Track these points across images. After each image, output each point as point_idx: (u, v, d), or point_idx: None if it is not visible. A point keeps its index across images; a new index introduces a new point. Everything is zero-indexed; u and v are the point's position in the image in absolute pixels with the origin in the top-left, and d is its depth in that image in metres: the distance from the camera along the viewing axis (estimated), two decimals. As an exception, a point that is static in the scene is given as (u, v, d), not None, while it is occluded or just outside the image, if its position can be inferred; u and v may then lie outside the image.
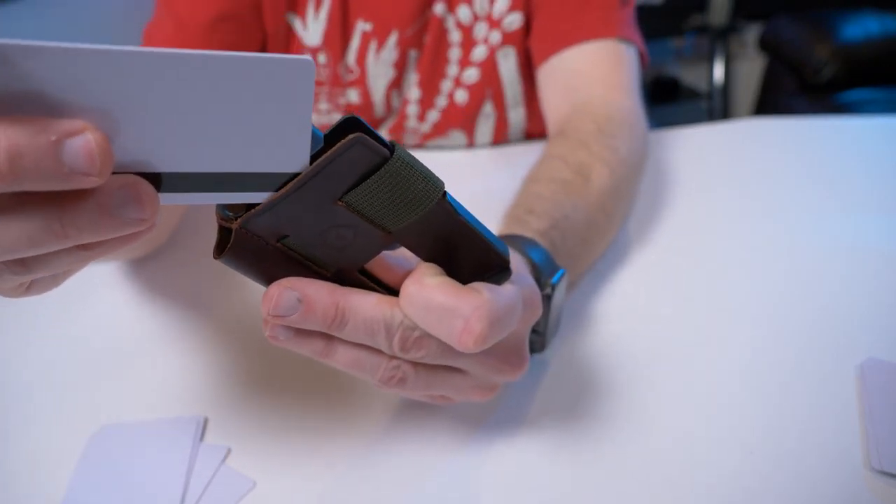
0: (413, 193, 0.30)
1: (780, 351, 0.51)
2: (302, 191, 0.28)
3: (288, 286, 0.31)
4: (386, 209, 0.30)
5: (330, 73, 0.79)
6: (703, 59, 2.56)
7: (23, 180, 0.22)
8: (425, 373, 0.36)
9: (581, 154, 0.59)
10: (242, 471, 0.42)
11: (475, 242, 0.33)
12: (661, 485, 0.41)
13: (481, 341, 0.32)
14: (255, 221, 0.29)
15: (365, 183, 0.29)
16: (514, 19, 0.77)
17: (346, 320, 0.32)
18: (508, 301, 0.33)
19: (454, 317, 0.32)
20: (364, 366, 0.35)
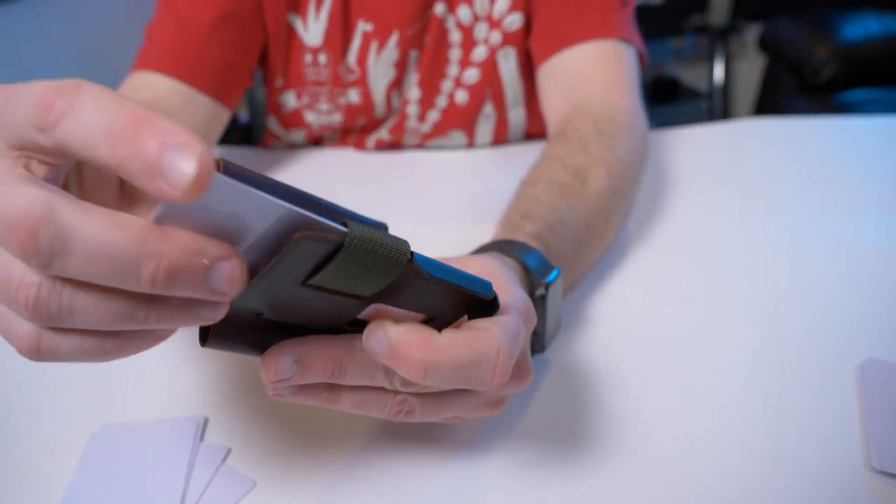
0: (378, 265, 0.29)
1: (780, 351, 0.51)
2: (260, 285, 0.28)
3: (282, 352, 0.31)
4: (353, 282, 0.29)
5: (330, 74, 0.79)
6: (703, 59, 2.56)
7: (166, 289, 0.24)
8: (432, 400, 0.36)
9: (580, 156, 0.59)
10: (242, 471, 0.42)
11: (455, 291, 0.33)
12: (661, 485, 0.41)
13: (506, 377, 0.32)
14: (221, 329, 0.30)
15: (325, 269, 0.28)
16: (515, 20, 0.77)
17: (344, 369, 0.32)
18: (514, 329, 0.34)
19: (483, 365, 0.32)
20: (370, 406, 0.35)
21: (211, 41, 0.69)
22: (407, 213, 0.71)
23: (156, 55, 0.69)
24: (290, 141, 0.87)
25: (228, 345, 0.31)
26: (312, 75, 0.79)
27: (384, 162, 0.83)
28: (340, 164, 0.82)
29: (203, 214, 0.24)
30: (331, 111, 0.82)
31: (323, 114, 0.82)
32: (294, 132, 0.85)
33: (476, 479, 0.41)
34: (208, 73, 0.69)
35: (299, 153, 0.85)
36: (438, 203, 0.72)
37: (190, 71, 0.68)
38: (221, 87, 0.70)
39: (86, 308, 0.25)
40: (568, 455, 0.43)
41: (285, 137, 0.86)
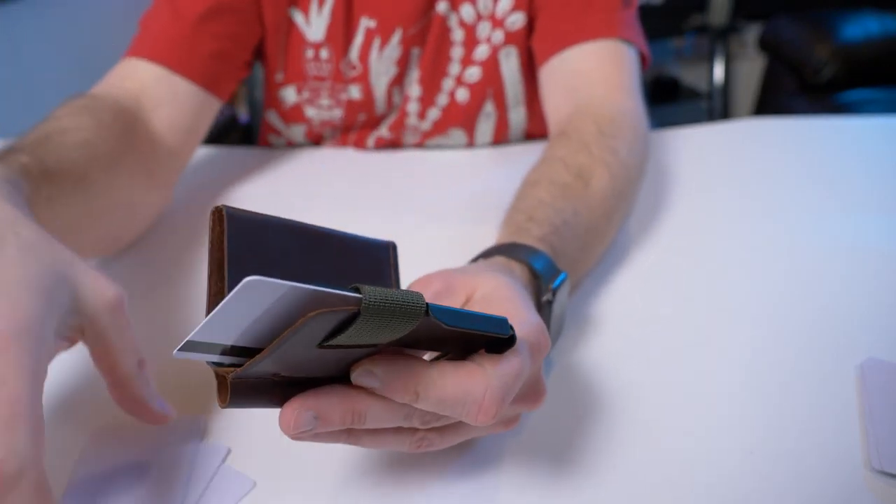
0: (393, 322, 0.29)
1: (780, 351, 0.51)
2: (275, 354, 0.29)
3: (301, 406, 0.32)
4: (369, 338, 0.30)
5: (332, 69, 0.79)
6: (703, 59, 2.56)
7: None
8: (451, 431, 0.37)
9: (582, 157, 0.59)
10: (242, 471, 0.42)
11: (471, 336, 0.34)
12: (662, 485, 0.41)
13: (495, 415, 0.33)
14: (244, 374, 0.30)
15: (342, 334, 0.29)
16: (517, 19, 0.77)
17: (363, 419, 0.33)
18: (513, 371, 0.34)
19: (468, 403, 0.33)
20: (390, 444, 0.36)
21: (201, 31, 0.69)
22: (407, 212, 0.71)
23: (145, 43, 0.69)
24: (290, 136, 0.87)
25: (247, 403, 0.32)
26: (313, 70, 0.79)
27: (384, 161, 0.83)
28: (340, 164, 0.82)
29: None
30: (331, 107, 0.82)
31: (324, 109, 0.82)
32: (294, 127, 0.85)
33: (478, 479, 0.41)
34: (197, 62, 0.69)
35: (299, 152, 0.85)
36: (438, 203, 0.72)
37: (178, 59, 0.67)
38: (211, 78, 0.70)
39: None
40: (568, 454, 0.43)
41: (285, 132, 0.86)
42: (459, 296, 0.40)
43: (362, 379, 0.32)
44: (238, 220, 0.34)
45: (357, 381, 0.32)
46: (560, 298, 0.47)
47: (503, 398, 0.33)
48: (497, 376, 0.33)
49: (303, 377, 0.33)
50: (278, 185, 0.77)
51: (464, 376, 0.33)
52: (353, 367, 0.32)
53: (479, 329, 0.33)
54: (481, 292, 0.39)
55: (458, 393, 0.33)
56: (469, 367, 0.33)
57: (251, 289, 0.26)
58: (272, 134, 0.87)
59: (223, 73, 0.71)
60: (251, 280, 0.25)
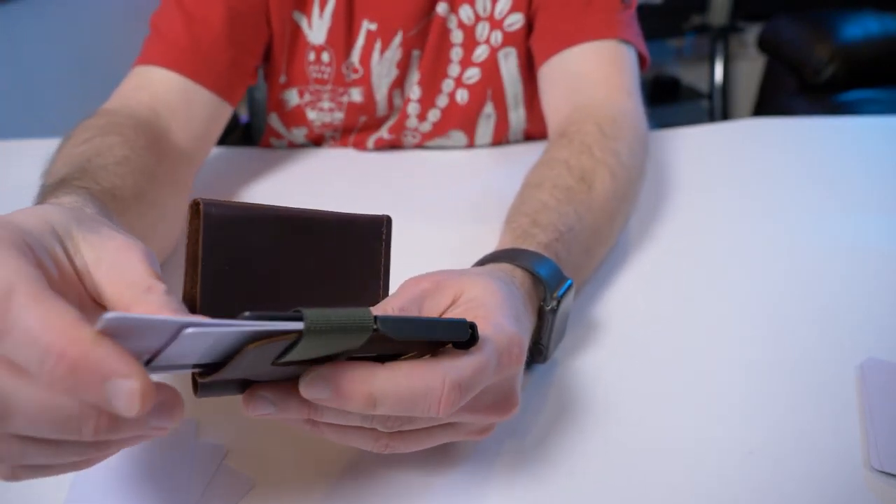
0: (341, 340, 0.30)
1: (780, 351, 0.51)
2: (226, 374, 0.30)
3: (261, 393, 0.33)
4: (322, 353, 0.31)
5: (333, 72, 0.79)
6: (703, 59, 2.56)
7: (110, 436, 0.28)
8: (414, 436, 0.37)
9: (584, 159, 0.59)
10: (241, 470, 0.42)
11: (425, 343, 0.34)
12: (662, 484, 0.41)
13: (453, 405, 0.33)
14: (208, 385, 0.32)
15: (289, 353, 0.30)
16: (516, 20, 0.77)
17: (322, 413, 0.34)
18: (472, 364, 0.34)
19: (427, 397, 0.33)
20: (353, 441, 0.37)
21: (222, 40, 0.69)
22: (407, 213, 0.71)
23: (163, 50, 0.68)
24: (292, 139, 0.87)
25: (217, 394, 0.34)
26: (315, 73, 0.79)
27: (384, 162, 0.83)
28: (340, 164, 0.82)
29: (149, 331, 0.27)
30: (332, 109, 0.82)
31: (325, 112, 0.82)
32: (295, 130, 0.85)
33: (478, 479, 0.41)
34: (214, 71, 0.69)
35: (299, 153, 0.85)
36: (438, 203, 0.72)
37: (195, 68, 0.68)
38: (227, 85, 0.70)
39: (38, 451, 0.28)
40: (569, 454, 0.43)
41: (287, 135, 0.86)
42: (447, 296, 0.40)
43: (311, 389, 0.32)
44: (215, 217, 0.34)
45: (305, 392, 0.32)
46: (563, 306, 0.47)
47: (461, 389, 0.33)
48: (454, 368, 0.34)
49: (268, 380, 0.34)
50: (278, 186, 0.77)
51: (418, 373, 0.33)
52: (302, 378, 0.32)
53: (432, 337, 0.33)
54: (467, 295, 0.39)
55: (414, 389, 0.33)
56: (424, 363, 0.34)
57: (190, 336, 0.27)
58: (274, 137, 0.88)
59: (236, 79, 0.72)
60: (186, 333, 0.26)
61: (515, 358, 0.37)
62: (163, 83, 0.67)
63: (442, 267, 0.47)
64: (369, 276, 0.40)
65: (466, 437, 0.40)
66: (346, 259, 0.39)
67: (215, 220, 0.34)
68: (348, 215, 0.39)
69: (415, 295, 0.39)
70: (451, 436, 0.39)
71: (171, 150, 0.64)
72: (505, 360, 0.36)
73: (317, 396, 0.32)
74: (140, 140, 0.58)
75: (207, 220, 0.34)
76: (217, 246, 0.34)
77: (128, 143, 0.56)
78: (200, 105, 0.69)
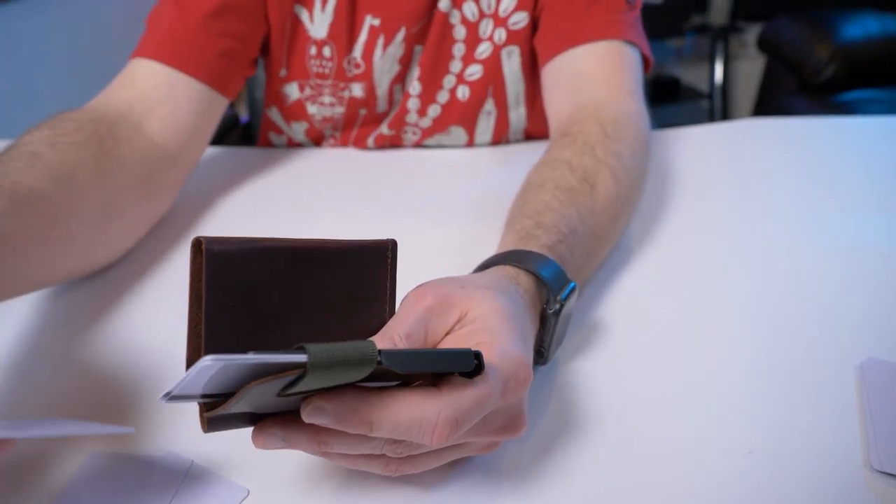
0: (345, 373, 0.31)
1: (780, 351, 0.51)
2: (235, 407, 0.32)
3: (271, 429, 0.34)
4: (327, 385, 0.31)
5: (334, 67, 0.79)
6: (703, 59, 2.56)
7: None
8: (421, 460, 0.38)
9: (587, 160, 0.59)
10: (236, 479, 0.41)
11: (430, 373, 0.34)
12: (662, 484, 0.41)
13: (448, 437, 0.34)
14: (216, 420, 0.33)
15: (295, 387, 0.30)
16: (520, 18, 0.77)
17: (330, 445, 0.35)
18: (473, 396, 0.35)
19: (422, 426, 0.33)
20: (361, 468, 0.38)
21: (208, 30, 0.69)
22: (407, 212, 0.71)
23: (152, 43, 0.68)
24: (291, 134, 0.87)
25: (226, 428, 0.35)
26: (316, 67, 0.79)
27: (384, 161, 0.83)
28: (340, 164, 0.82)
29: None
30: (333, 104, 0.82)
31: (325, 106, 0.82)
32: (295, 124, 0.85)
33: (478, 481, 0.41)
34: (205, 61, 0.68)
35: (299, 153, 0.85)
36: (438, 203, 0.72)
37: (186, 59, 0.67)
38: (219, 77, 0.69)
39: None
40: (569, 455, 0.43)
41: (286, 130, 0.86)
42: (453, 314, 0.39)
43: (313, 416, 0.32)
44: (218, 255, 0.35)
45: (307, 419, 0.33)
46: (566, 309, 0.47)
47: (456, 421, 0.34)
48: (452, 400, 0.34)
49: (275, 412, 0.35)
50: (278, 185, 0.77)
51: (416, 401, 0.34)
52: (304, 405, 0.33)
53: (436, 369, 0.34)
54: (473, 314, 0.39)
55: (410, 417, 0.33)
56: (423, 392, 0.34)
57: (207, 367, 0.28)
58: (273, 132, 0.87)
59: (230, 71, 0.71)
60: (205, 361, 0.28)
61: (522, 382, 0.37)
62: (148, 76, 0.66)
63: (442, 267, 0.47)
64: (376, 302, 0.40)
65: (474, 453, 0.40)
66: (351, 286, 0.39)
67: (218, 258, 0.35)
68: (353, 243, 0.39)
69: (420, 315, 0.39)
70: (458, 454, 0.39)
71: (135, 149, 0.62)
72: (511, 386, 0.37)
73: (318, 422, 0.33)
74: (75, 136, 0.57)
75: (210, 259, 0.34)
76: (221, 283, 0.35)
77: (52, 138, 0.55)
78: (186, 97, 0.67)
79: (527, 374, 0.38)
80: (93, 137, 0.58)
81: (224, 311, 0.35)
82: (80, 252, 0.57)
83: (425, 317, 0.39)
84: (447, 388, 0.34)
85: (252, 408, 0.33)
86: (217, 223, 0.70)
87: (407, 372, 0.32)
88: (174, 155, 0.66)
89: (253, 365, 0.29)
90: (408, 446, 0.36)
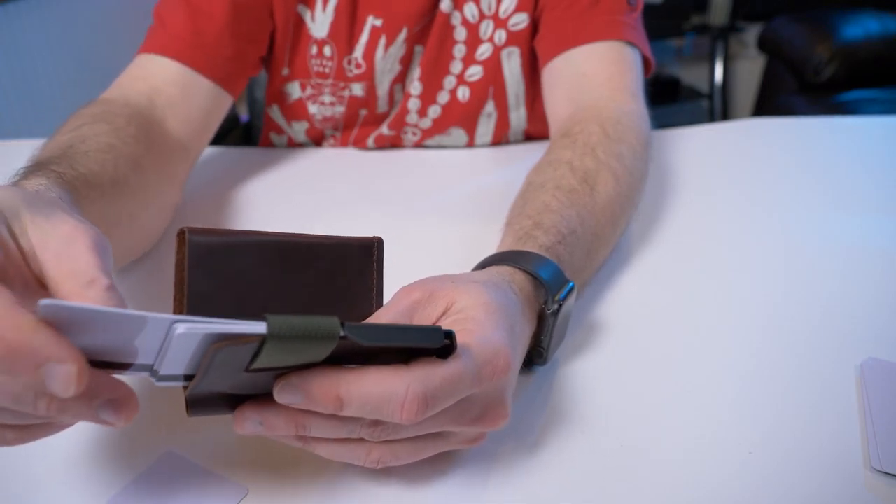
0: (309, 346, 0.31)
1: (780, 351, 0.51)
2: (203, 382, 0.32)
3: (249, 413, 0.34)
4: (292, 360, 0.32)
5: (335, 67, 0.79)
6: (703, 59, 2.56)
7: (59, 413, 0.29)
8: (402, 448, 0.38)
9: (587, 160, 0.59)
10: (235, 478, 0.41)
11: (397, 349, 0.34)
12: (662, 484, 0.41)
13: (418, 414, 0.34)
14: (193, 394, 0.33)
15: (258, 358, 0.30)
16: (521, 20, 0.77)
17: (307, 428, 0.35)
18: (443, 373, 0.35)
19: (391, 401, 0.33)
20: (344, 456, 0.38)
21: (226, 33, 0.70)
22: (407, 212, 0.71)
23: (165, 40, 0.69)
24: (292, 134, 0.87)
25: (209, 412, 0.35)
26: (317, 67, 0.79)
27: (384, 161, 0.83)
28: (340, 164, 0.82)
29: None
30: (334, 103, 0.82)
31: (326, 105, 0.82)
32: (296, 124, 0.85)
33: (477, 480, 0.41)
34: (219, 62, 0.69)
35: (299, 153, 0.85)
36: (438, 203, 0.72)
37: (200, 59, 0.68)
38: (228, 75, 0.70)
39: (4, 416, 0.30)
40: (568, 455, 0.43)
41: (287, 129, 0.86)
42: (439, 306, 0.40)
43: (283, 394, 0.33)
44: (200, 245, 0.36)
45: (278, 398, 0.33)
46: (565, 308, 0.47)
47: (425, 397, 0.34)
48: (421, 374, 0.34)
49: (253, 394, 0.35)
50: (278, 185, 0.77)
51: (385, 376, 0.34)
52: (274, 385, 0.33)
53: (403, 343, 0.34)
54: (458, 305, 0.40)
55: (380, 391, 0.33)
56: (392, 368, 0.34)
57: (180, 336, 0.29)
58: (274, 132, 0.88)
59: (238, 70, 0.72)
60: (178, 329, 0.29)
61: (500, 370, 0.37)
62: (163, 73, 0.67)
63: (442, 267, 0.47)
64: (362, 298, 0.41)
65: (458, 446, 0.40)
66: (336, 282, 0.40)
67: (200, 248, 0.36)
68: (338, 239, 0.40)
69: (405, 307, 0.39)
70: (441, 446, 0.39)
71: (165, 141, 0.64)
72: (487, 372, 0.37)
73: (289, 401, 0.33)
74: (130, 129, 0.58)
75: (192, 248, 0.35)
76: (203, 272, 0.36)
77: (116, 131, 0.56)
78: (200, 96, 0.69)
79: (506, 363, 0.38)
80: (141, 129, 0.60)
81: (205, 299, 0.36)
82: (142, 241, 0.60)
83: (411, 308, 0.39)
84: (417, 364, 0.35)
85: (227, 387, 0.33)
86: (217, 223, 0.70)
87: (371, 345, 0.32)
88: (186, 149, 0.68)
89: (218, 334, 0.30)
90: (384, 430, 0.36)
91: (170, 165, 0.64)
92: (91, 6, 1.75)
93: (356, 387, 0.33)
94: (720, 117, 2.44)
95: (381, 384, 0.33)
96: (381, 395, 0.33)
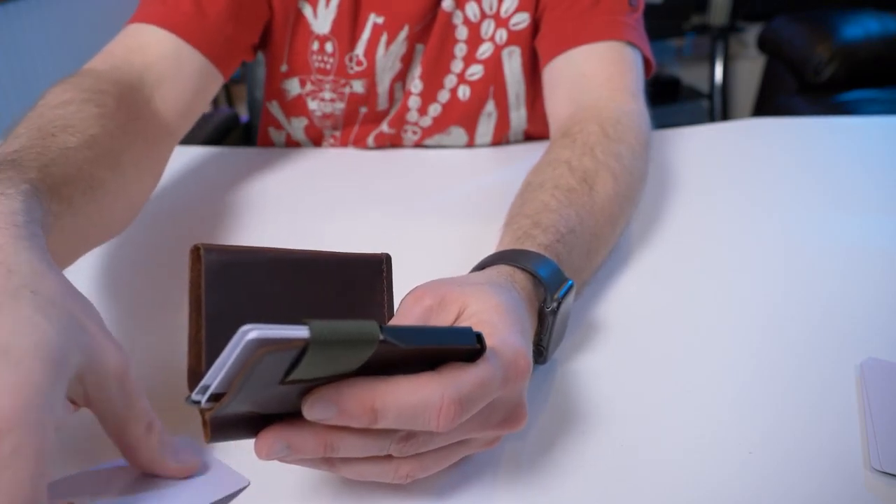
0: (348, 351, 0.30)
1: (780, 351, 0.51)
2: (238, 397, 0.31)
3: (274, 436, 0.33)
4: (329, 370, 0.31)
5: (336, 63, 0.79)
6: (703, 59, 2.57)
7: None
8: (430, 459, 0.37)
9: (586, 160, 0.59)
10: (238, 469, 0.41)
11: (437, 352, 0.34)
12: (662, 484, 0.41)
13: (454, 420, 0.33)
14: (218, 416, 0.32)
15: (297, 368, 0.29)
16: (522, 19, 0.77)
17: (336, 447, 0.34)
18: (474, 376, 0.34)
19: (427, 409, 0.33)
20: (369, 475, 0.37)
21: (226, 13, 0.69)
22: (407, 212, 0.71)
23: (163, 12, 0.67)
24: (290, 131, 0.87)
25: (228, 437, 0.34)
26: (318, 63, 0.79)
27: (384, 161, 0.83)
28: (340, 164, 0.82)
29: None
30: (334, 100, 0.82)
31: (326, 102, 0.82)
32: (295, 121, 0.85)
33: (478, 480, 0.41)
34: (216, 40, 0.68)
35: (299, 153, 0.85)
36: (438, 203, 0.72)
37: (198, 34, 0.67)
38: (222, 55, 0.69)
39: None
40: (568, 455, 0.43)
41: (286, 126, 0.86)
42: (451, 312, 0.40)
43: (315, 409, 0.32)
44: (216, 262, 0.35)
45: (309, 413, 0.32)
46: (564, 307, 0.47)
47: (461, 401, 0.33)
48: (454, 379, 0.33)
49: (278, 413, 0.34)
50: (278, 185, 0.77)
51: (419, 384, 0.33)
52: (304, 401, 0.32)
53: (440, 342, 0.33)
54: (471, 310, 0.39)
55: (415, 400, 0.33)
56: (424, 376, 0.34)
57: (250, 342, 0.28)
58: (273, 127, 0.87)
59: (233, 53, 0.71)
60: (250, 335, 0.28)
61: (522, 371, 0.37)
62: (158, 45, 0.65)
63: (442, 267, 0.47)
64: (373, 314, 0.40)
65: (477, 450, 0.40)
66: (347, 297, 0.39)
67: (216, 265, 0.35)
68: (348, 255, 0.40)
69: (419, 315, 0.39)
70: (463, 451, 0.39)
71: (150, 127, 0.62)
72: (511, 373, 0.36)
73: (321, 417, 0.32)
74: (119, 115, 0.56)
75: (209, 266, 0.35)
76: (219, 290, 0.35)
77: (102, 118, 0.54)
78: (192, 71, 0.67)
79: (526, 364, 0.38)
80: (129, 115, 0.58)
81: (223, 318, 0.35)
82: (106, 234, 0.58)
83: (424, 316, 0.39)
84: (448, 370, 0.34)
85: (254, 405, 0.33)
86: (217, 223, 0.70)
87: (409, 346, 0.31)
88: (171, 131, 0.66)
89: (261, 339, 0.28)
90: (415, 443, 0.35)
91: (152, 154, 0.62)
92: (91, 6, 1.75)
93: (392, 397, 0.32)
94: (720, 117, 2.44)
95: (416, 392, 0.33)
96: (416, 403, 0.33)
